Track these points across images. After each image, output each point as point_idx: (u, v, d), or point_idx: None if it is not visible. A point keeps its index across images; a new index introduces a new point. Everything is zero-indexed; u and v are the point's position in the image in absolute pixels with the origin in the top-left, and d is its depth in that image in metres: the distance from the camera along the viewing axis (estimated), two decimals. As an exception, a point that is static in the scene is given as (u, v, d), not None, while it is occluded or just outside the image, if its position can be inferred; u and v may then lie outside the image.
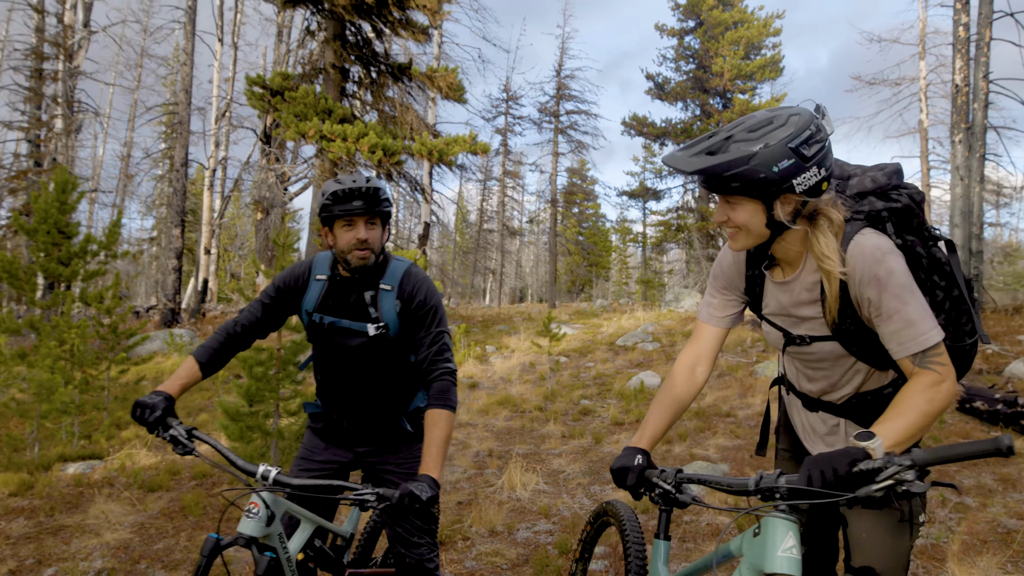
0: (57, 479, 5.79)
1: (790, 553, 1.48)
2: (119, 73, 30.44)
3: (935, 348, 1.57)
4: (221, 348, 2.39)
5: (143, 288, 36.04)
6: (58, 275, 9.10)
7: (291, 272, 2.48)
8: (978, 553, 3.88)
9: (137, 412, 2.09)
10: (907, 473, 1.31)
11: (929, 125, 23.18)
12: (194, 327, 18.57)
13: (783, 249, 1.76)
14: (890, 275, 1.58)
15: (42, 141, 18.31)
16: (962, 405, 7.35)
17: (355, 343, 2.41)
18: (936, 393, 1.54)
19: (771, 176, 1.56)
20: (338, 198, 2.28)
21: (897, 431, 1.49)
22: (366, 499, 1.97)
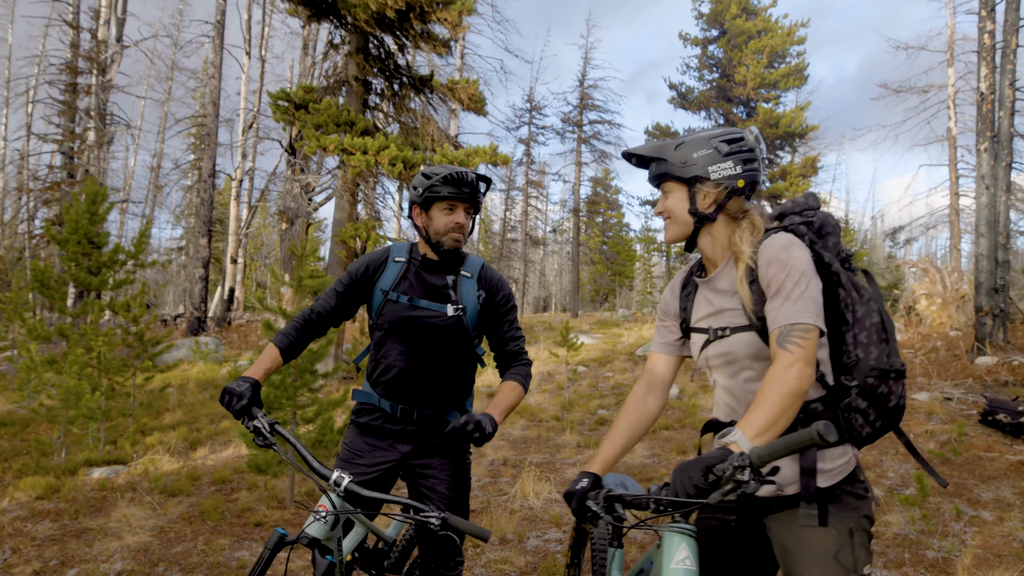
0: (82, 483, 5.95)
1: (683, 564, 1.55)
2: (150, 86, 31.18)
3: (800, 329, 1.61)
4: (299, 335, 2.50)
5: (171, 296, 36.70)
6: (88, 284, 9.35)
7: (364, 259, 2.57)
8: (990, 567, 3.83)
9: (225, 399, 2.17)
10: (742, 473, 1.34)
11: (958, 133, 22.84)
12: (220, 335, 18.88)
13: (709, 246, 1.89)
14: (791, 259, 1.68)
15: (75, 153, 18.80)
16: (984, 418, 7.24)
17: (431, 325, 2.47)
18: (786, 374, 1.56)
19: (690, 161, 1.81)
20: (448, 181, 2.42)
21: (757, 420, 1.52)
22: (430, 522, 1.95)
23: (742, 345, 1.78)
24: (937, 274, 14.52)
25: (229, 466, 6.53)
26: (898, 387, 1.71)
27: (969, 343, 10.96)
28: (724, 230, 1.85)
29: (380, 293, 2.51)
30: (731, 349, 1.80)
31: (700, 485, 1.41)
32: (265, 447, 2.13)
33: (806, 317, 1.62)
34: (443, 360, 2.49)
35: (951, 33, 22.43)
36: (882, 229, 37.28)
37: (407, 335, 2.47)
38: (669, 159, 1.85)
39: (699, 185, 1.82)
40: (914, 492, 5.23)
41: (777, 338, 1.63)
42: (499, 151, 11.92)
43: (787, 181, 22.40)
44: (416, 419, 2.49)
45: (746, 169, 1.80)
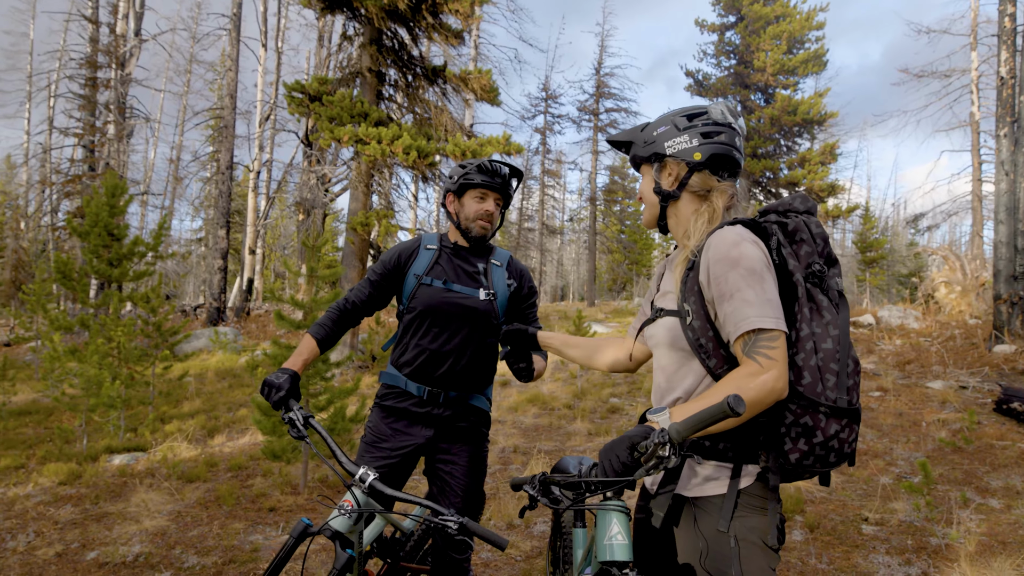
0: (103, 469, 6.11)
1: (616, 539, 1.59)
2: (169, 79, 31.48)
3: (767, 336, 1.51)
4: (334, 325, 2.62)
5: (191, 287, 37.18)
6: (108, 275, 9.54)
7: (396, 249, 2.70)
8: (994, 555, 3.84)
9: (264, 391, 2.26)
10: (663, 449, 1.35)
11: (981, 118, 22.45)
12: (239, 326, 19.13)
13: (675, 228, 1.86)
14: (742, 257, 1.58)
15: (96, 146, 19.07)
16: (999, 406, 7.19)
17: (464, 307, 2.58)
18: (749, 381, 1.46)
19: (650, 139, 1.82)
20: (482, 170, 2.57)
21: (690, 411, 1.47)
22: (448, 526, 1.97)
23: (664, 329, 1.75)
24: (957, 261, 14.35)
25: (245, 453, 6.66)
26: (832, 425, 1.50)
27: (987, 331, 10.84)
28: (688, 209, 1.81)
29: (413, 278, 2.61)
30: (659, 331, 1.78)
31: (626, 462, 1.43)
32: (298, 439, 2.20)
33: (768, 322, 1.51)
34: (472, 343, 2.60)
35: (974, 16, 22.01)
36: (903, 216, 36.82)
37: (440, 317, 2.58)
38: (636, 141, 1.87)
39: (658, 162, 1.83)
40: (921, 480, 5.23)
41: (743, 347, 1.53)
42: (512, 140, 11.93)
43: (805, 168, 22.16)
44: (443, 402, 2.58)
45: (705, 142, 1.75)
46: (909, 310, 14.00)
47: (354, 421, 5.64)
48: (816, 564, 3.86)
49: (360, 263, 12.28)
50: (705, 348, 1.65)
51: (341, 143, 10.74)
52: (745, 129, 1.90)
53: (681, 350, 1.71)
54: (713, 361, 1.64)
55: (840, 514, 4.66)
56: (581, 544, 2.23)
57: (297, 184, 21.64)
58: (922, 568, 3.78)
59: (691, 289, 1.68)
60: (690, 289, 1.68)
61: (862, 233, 26.41)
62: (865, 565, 3.83)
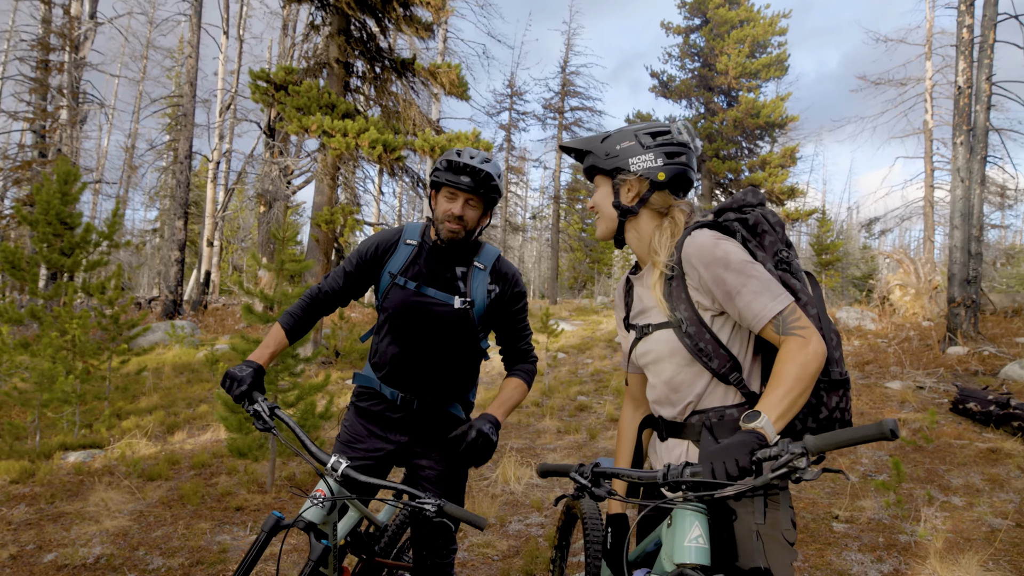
0: (58, 467, 5.87)
1: (696, 543, 1.54)
2: (124, 64, 30.55)
3: (790, 312, 1.59)
4: (304, 314, 2.46)
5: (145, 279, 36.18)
6: (60, 265, 9.17)
7: (374, 239, 2.51)
8: (961, 551, 3.93)
9: (226, 383, 2.15)
10: (800, 460, 1.36)
11: (934, 126, 23.16)
12: (196, 319, 18.66)
13: (636, 243, 1.88)
14: (727, 254, 1.65)
15: (47, 132, 18.39)
16: (955, 406, 7.40)
17: (435, 315, 2.40)
18: (804, 355, 1.55)
19: (612, 153, 1.81)
20: (449, 167, 2.34)
21: (778, 403, 1.51)
22: (425, 508, 1.96)
23: (661, 343, 1.78)
24: (911, 265, 14.76)
25: (208, 450, 6.48)
26: (832, 399, 1.67)
27: (941, 333, 11.17)
28: (649, 225, 1.84)
29: (388, 276, 2.44)
30: (653, 347, 1.81)
31: (745, 467, 1.41)
32: (265, 431, 2.13)
33: (782, 300, 1.60)
34: (445, 351, 2.44)
35: (929, 27, 22.68)
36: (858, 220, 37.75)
37: (410, 322, 2.41)
38: (595, 151, 1.85)
39: (620, 177, 1.82)
40: (887, 478, 5.35)
41: (775, 330, 1.60)
42: (481, 137, 11.87)
43: (766, 171, 22.55)
44: (416, 408, 2.46)
45: (668, 162, 1.78)
46: (866, 312, 14.35)
47: (323, 417, 5.52)
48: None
49: (325, 257, 12.07)
50: (705, 351, 1.71)
51: (309, 133, 10.53)
52: (700, 149, 1.93)
53: (681, 358, 1.76)
54: (715, 363, 1.70)
55: (811, 512, 4.72)
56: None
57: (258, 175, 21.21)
58: (894, 565, 3.84)
59: (678, 297, 1.74)
60: (677, 298, 1.74)
61: (818, 236, 27.00)
62: (839, 563, 3.89)
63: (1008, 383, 8.54)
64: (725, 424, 1.74)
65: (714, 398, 1.76)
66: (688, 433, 1.80)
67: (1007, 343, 10.77)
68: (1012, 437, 6.43)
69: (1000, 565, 3.77)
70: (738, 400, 1.75)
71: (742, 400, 1.75)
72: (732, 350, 1.71)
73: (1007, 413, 6.72)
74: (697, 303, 1.71)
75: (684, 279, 1.72)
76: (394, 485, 2.03)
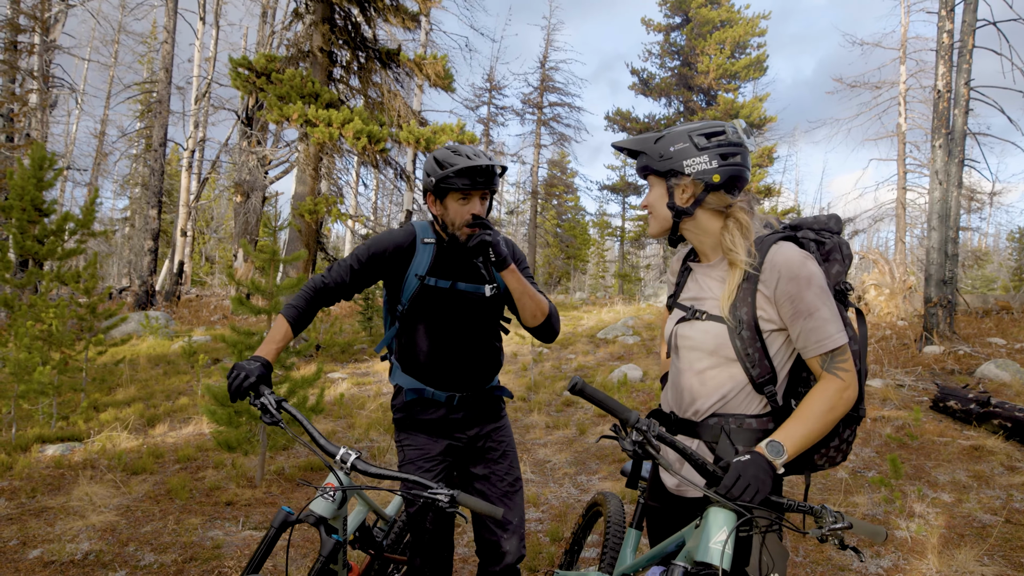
0: (36, 460, 5.70)
1: (719, 545, 1.53)
2: (95, 49, 29.79)
3: (842, 351, 1.67)
4: (308, 305, 2.41)
5: (115, 269, 35.42)
6: (34, 253, 8.91)
7: (388, 239, 2.45)
8: (956, 547, 3.99)
9: (233, 374, 2.10)
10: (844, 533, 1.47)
11: (907, 129, 23.57)
12: (169, 310, 18.31)
13: (697, 240, 1.89)
14: (811, 276, 1.69)
15: (16, 116, 17.87)
16: (936, 404, 7.53)
17: (471, 307, 2.44)
18: (839, 400, 1.64)
19: (667, 154, 1.80)
20: (463, 173, 2.29)
21: (799, 439, 1.61)
22: (438, 500, 1.95)
23: (709, 335, 1.79)
24: (886, 265, 15.01)
25: (192, 444, 6.34)
26: (845, 431, 1.77)
27: (917, 332, 11.37)
28: (709, 223, 1.84)
29: (415, 279, 2.42)
30: (699, 335, 1.82)
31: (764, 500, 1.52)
32: (272, 424, 2.09)
33: (842, 337, 1.66)
34: (481, 339, 2.49)
35: (904, 31, 23.06)
36: (830, 221, 38.29)
37: (449, 319, 2.44)
38: (648, 152, 1.83)
39: (674, 179, 1.81)
40: (876, 474, 5.41)
41: (822, 363, 1.67)
42: (466, 129, 11.79)
43: (744, 170, 22.80)
44: (472, 402, 2.50)
45: (723, 164, 1.77)
46: (842, 311, 14.56)
47: (315, 411, 5.43)
48: (793, 558, 3.93)
49: (307, 249, 11.90)
50: (752, 358, 1.75)
51: (291, 122, 10.36)
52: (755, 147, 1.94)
53: (723, 357, 1.78)
54: (757, 371, 1.75)
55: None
56: (632, 546, 2.19)
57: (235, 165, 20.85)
58: (892, 561, 3.88)
59: (743, 300, 1.75)
60: (742, 300, 1.75)
61: (793, 235, 27.36)
62: (838, 558, 3.92)
63: (984, 382, 8.72)
64: (744, 432, 1.77)
65: (740, 404, 1.79)
66: (704, 433, 1.81)
67: (981, 343, 11.00)
68: (993, 435, 6.55)
69: (995, 560, 3.83)
70: (763, 410, 1.78)
71: (766, 411, 1.78)
72: (775, 363, 1.76)
73: (987, 411, 6.85)
74: (760, 310, 1.73)
75: (757, 283, 1.73)
76: (407, 476, 2.01)
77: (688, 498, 1.88)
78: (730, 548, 1.53)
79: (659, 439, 1.60)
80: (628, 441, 1.58)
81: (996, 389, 8.31)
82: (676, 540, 1.81)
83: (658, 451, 1.60)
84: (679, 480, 1.85)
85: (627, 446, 1.58)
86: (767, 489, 1.50)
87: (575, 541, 2.88)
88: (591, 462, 5.95)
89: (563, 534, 4.28)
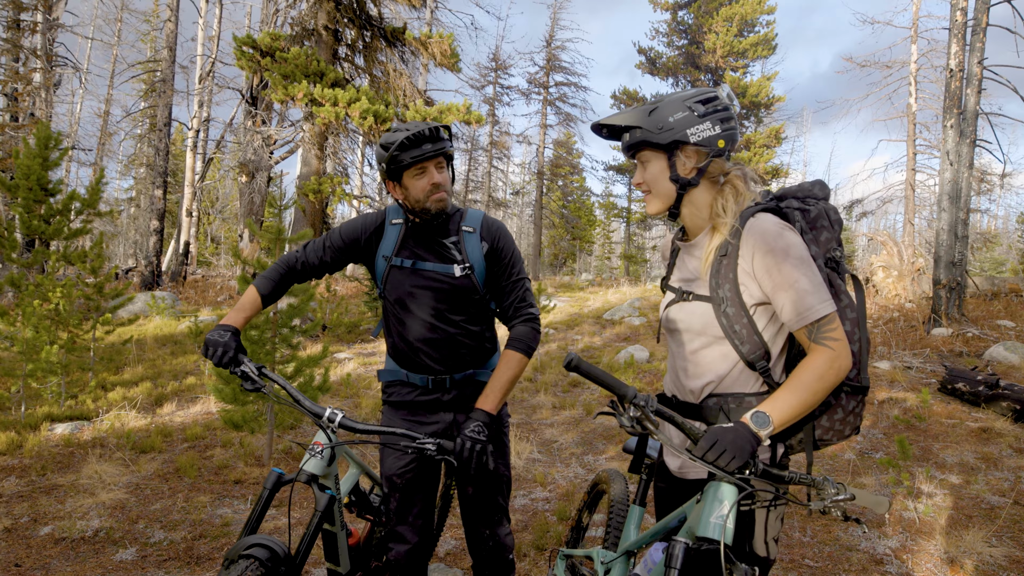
0: (46, 439, 5.73)
1: (720, 520, 1.50)
2: (98, 28, 29.62)
3: (828, 320, 1.60)
4: (281, 280, 2.40)
5: (121, 249, 35.48)
6: (40, 232, 8.90)
7: (360, 222, 2.44)
8: (964, 528, 3.99)
9: (208, 351, 2.10)
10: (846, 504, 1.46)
11: (917, 109, 23.29)
12: (175, 290, 18.35)
13: (691, 213, 1.83)
14: (789, 247, 1.63)
15: (20, 95, 17.80)
16: (944, 386, 7.50)
17: (438, 288, 2.34)
18: (828, 370, 1.58)
19: (667, 126, 1.72)
20: (406, 146, 2.24)
21: (788, 409, 1.57)
22: (426, 448, 2.00)
23: (695, 315, 1.76)
24: (895, 247, 14.91)
25: (199, 423, 6.36)
26: (850, 402, 1.71)
27: (925, 315, 11.32)
28: (705, 195, 1.79)
29: (383, 260, 2.38)
30: (687, 316, 1.79)
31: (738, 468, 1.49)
32: (254, 391, 2.11)
33: (827, 306, 1.60)
34: (458, 322, 2.38)
35: (916, 9, 22.71)
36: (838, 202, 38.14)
37: (418, 301, 2.35)
38: (644, 126, 1.75)
39: (678, 150, 1.75)
40: (884, 456, 5.41)
41: (808, 334, 1.61)
42: (472, 109, 11.70)
43: (751, 151, 22.60)
44: (449, 386, 2.41)
45: (724, 128, 1.74)
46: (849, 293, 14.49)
47: (322, 390, 5.44)
48: (800, 537, 3.93)
49: (312, 228, 11.87)
50: (739, 335, 1.70)
51: (296, 102, 10.30)
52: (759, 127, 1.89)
53: (712, 336, 1.75)
54: (747, 347, 1.70)
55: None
56: (635, 523, 2.19)
57: (240, 145, 20.77)
58: (900, 541, 3.88)
59: (725, 276, 1.71)
60: (724, 276, 1.71)
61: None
62: (846, 538, 3.92)
63: (993, 364, 8.67)
64: (743, 410, 1.74)
65: (736, 383, 1.76)
66: (707, 415, 1.79)
67: (990, 325, 10.94)
68: (1002, 417, 6.53)
69: (1004, 541, 3.82)
70: (760, 388, 1.75)
71: (764, 389, 1.75)
72: (765, 338, 1.71)
73: (996, 393, 6.82)
74: (743, 285, 1.69)
75: (737, 258, 1.69)
76: (393, 430, 2.05)
77: (691, 479, 1.86)
78: (731, 523, 1.51)
79: (657, 414, 1.57)
80: (626, 417, 1.55)
81: (1005, 371, 8.27)
82: (678, 515, 1.80)
83: (656, 427, 1.57)
84: (681, 462, 1.86)
85: (625, 422, 1.55)
86: (745, 456, 1.46)
87: (580, 520, 2.88)
88: (598, 442, 5.96)
89: (570, 513, 4.28)
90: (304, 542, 2.01)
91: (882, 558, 3.67)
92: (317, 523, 2.05)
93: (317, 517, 2.05)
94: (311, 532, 2.03)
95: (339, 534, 2.29)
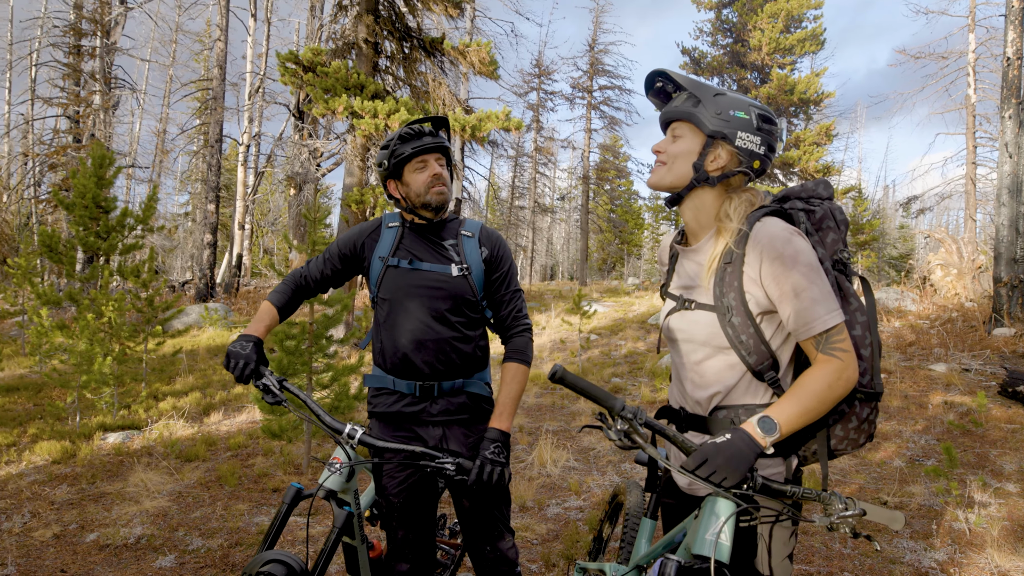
0: (98, 448, 5.94)
1: (716, 536, 1.43)
2: (154, 49, 30.79)
3: (836, 331, 1.54)
4: (293, 295, 2.44)
5: (178, 263, 36.70)
6: (96, 248, 9.27)
7: (357, 229, 2.46)
8: (1019, 539, 3.78)
9: (230, 364, 2.12)
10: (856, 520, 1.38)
11: (977, 100, 22.38)
12: (228, 302, 18.88)
13: (693, 213, 1.76)
14: (798, 253, 1.56)
15: (80, 117, 18.61)
16: (1004, 389, 7.16)
17: (435, 287, 2.31)
18: (837, 380, 1.52)
19: (724, 115, 1.65)
20: (406, 138, 2.29)
21: (794, 418, 1.51)
22: (445, 468, 1.99)
23: (699, 325, 1.69)
24: (953, 244, 14.34)
25: (244, 432, 6.51)
26: (864, 409, 1.64)
27: (986, 314, 10.83)
28: (715, 200, 1.71)
29: (379, 261, 2.36)
30: (690, 326, 1.72)
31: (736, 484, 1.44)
32: (275, 404, 2.12)
33: (835, 316, 1.54)
34: (455, 324, 2.33)
35: (972, -3, 21.85)
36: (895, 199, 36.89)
37: (413, 301, 2.32)
38: (704, 101, 1.67)
39: (718, 143, 1.68)
40: (936, 463, 5.18)
41: (817, 344, 1.55)
42: (512, 116, 11.71)
43: (800, 149, 22.04)
44: (437, 395, 2.33)
45: (766, 153, 1.68)
46: (906, 292, 13.98)
47: (358, 399, 5.50)
48: (840, 549, 3.79)
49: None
50: (747, 345, 1.64)
51: (336, 115, 10.48)
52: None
53: (717, 346, 1.68)
54: (754, 357, 1.63)
55: (858, 498, 4.58)
56: (647, 536, 2.14)
57: (288, 158, 21.27)
58: (948, 554, 3.70)
59: (730, 284, 1.64)
60: (729, 284, 1.64)
61: (854, 215, 26.42)
62: (890, 550, 3.76)
63: (1059, 365, 8.24)
64: None
65: (745, 394, 1.68)
66: (714, 428, 1.72)
67: (1056, 324, 10.39)
68: (1066, 421, 6.19)
69: (1063, 555, 3.61)
70: (770, 399, 1.68)
71: (774, 400, 1.67)
72: (773, 347, 1.65)
73: (1060, 396, 6.48)
74: (748, 293, 1.62)
75: (742, 265, 1.62)
76: (411, 448, 2.04)
77: (700, 496, 1.79)
78: (726, 539, 1.44)
79: (647, 427, 1.51)
80: (614, 431, 1.49)
81: (1071, 373, 7.84)
82: (681, 529, 1.75)
83: (646, 440, 1.51)
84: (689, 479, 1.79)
85: (612, 436, 1.49)
86: (740, 473, 1.39)
87: (600, 531, 2.83)
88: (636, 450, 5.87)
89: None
90: (322, 558, 2.02)
91: (927, 571, 3.51)
92: (335, 539, 2.05)
93: (335, 533, 2.05)
94: (329, 548, 2.04)
95: (360, 548, 2.28)
